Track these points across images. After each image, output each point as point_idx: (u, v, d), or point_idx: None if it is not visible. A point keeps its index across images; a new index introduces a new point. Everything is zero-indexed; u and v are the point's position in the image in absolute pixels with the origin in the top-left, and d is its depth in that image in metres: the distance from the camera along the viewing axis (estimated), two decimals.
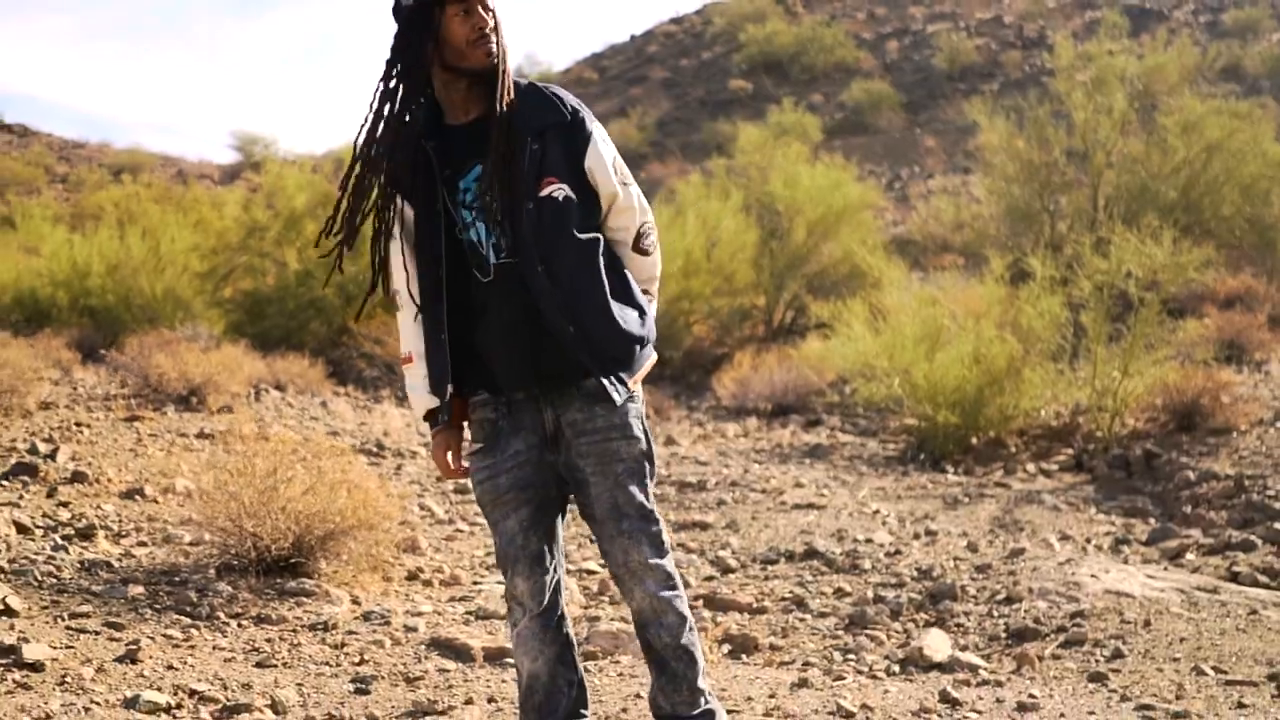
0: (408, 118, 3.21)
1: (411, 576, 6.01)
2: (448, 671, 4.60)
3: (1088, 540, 7.83)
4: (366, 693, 4.32)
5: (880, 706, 4.36)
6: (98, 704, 3.95)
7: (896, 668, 5.11)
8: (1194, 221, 17.18)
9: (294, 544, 5.46)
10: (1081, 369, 11.24)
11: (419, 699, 4.25)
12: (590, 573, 6.40)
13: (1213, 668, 5.03)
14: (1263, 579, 6.86)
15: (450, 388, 3.22)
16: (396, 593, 5.70)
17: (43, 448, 7.85)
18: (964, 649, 5.40)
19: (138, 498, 7.10)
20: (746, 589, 6.20)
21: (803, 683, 4.63)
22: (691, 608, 5.73)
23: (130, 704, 3.98)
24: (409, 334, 3.35)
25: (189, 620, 4.93)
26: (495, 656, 4.78)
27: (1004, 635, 5.61)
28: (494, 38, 3.19)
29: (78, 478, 7.28)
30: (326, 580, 5.52)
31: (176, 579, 5.41)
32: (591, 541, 6.97)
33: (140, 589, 5.21)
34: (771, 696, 4.43)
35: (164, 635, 4.70)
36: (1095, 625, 5.66)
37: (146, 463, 8.02)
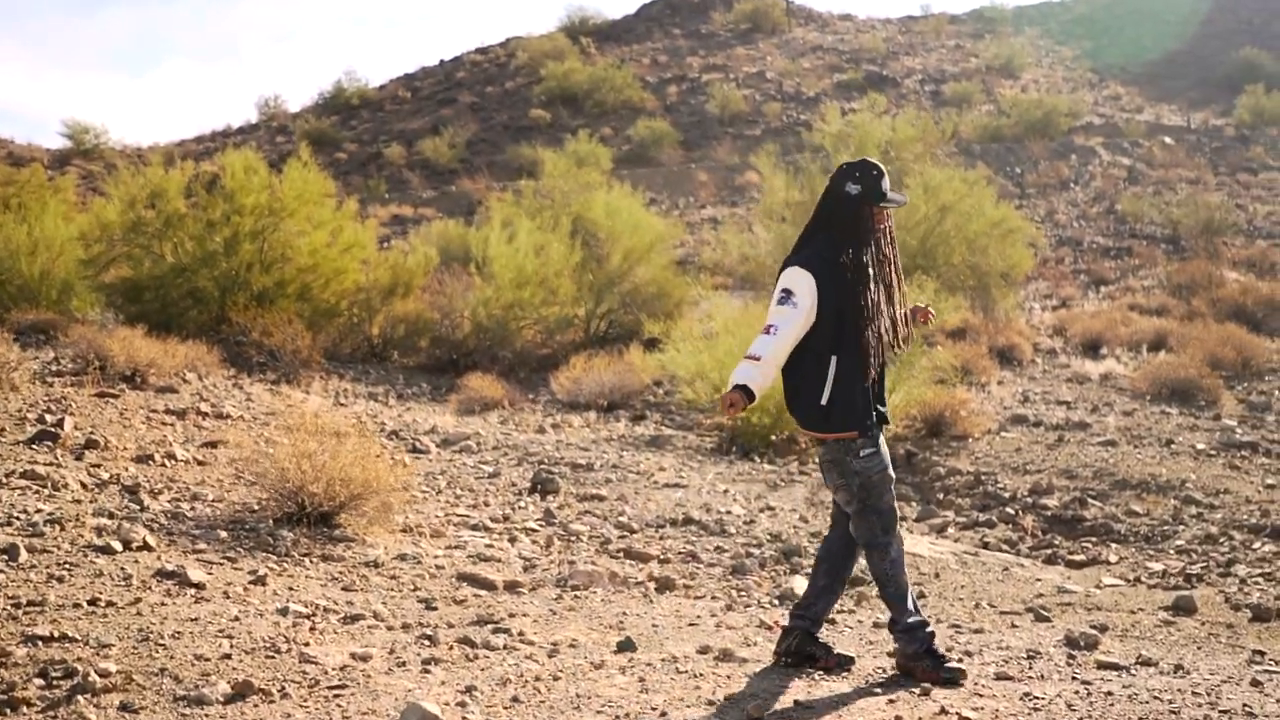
0: None
1: (406, 530, 7.10)
2: (482, 596, 5.79)
3: None
4: (434, 609, 5.48)
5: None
6: (262, 612, 5.00)
7: (777, 601, 6.53)
8: (929, 265, 19.34)
9: (335, 503, 6.50)
10: None
11: (476, 613, 5.44)
12: (532, 530, 7.60)
13: (988, 604, 6.67)
14: (1005, 548, 8.66)
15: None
16: (404, 541, 6.80)
17: (48, 418, 8.52)
18: None
19: (150, 462, 7.91)
20: (651, 545, 7.54)
21: (729, 608, 6.02)
22: (615, 558, 7.07)
23: (283, 612, 5.04)
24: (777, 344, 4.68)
25: (275, 557, 5.95)
26: (511, 586, 6.00)
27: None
28: None
29: (91, 444, 8.03)
30: (354, 531, 6.59)
31: (246, 526, 6.40)
32: (520, 507, 8.20)
33: (225, 533, 6.18)
34: (714, 616, 5.80)
35: (268, 567, 5.73)
36: None
37: (137, 433, 8.76)
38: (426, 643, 4.90)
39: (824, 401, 4.69)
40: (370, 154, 43.80)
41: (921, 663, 4.79)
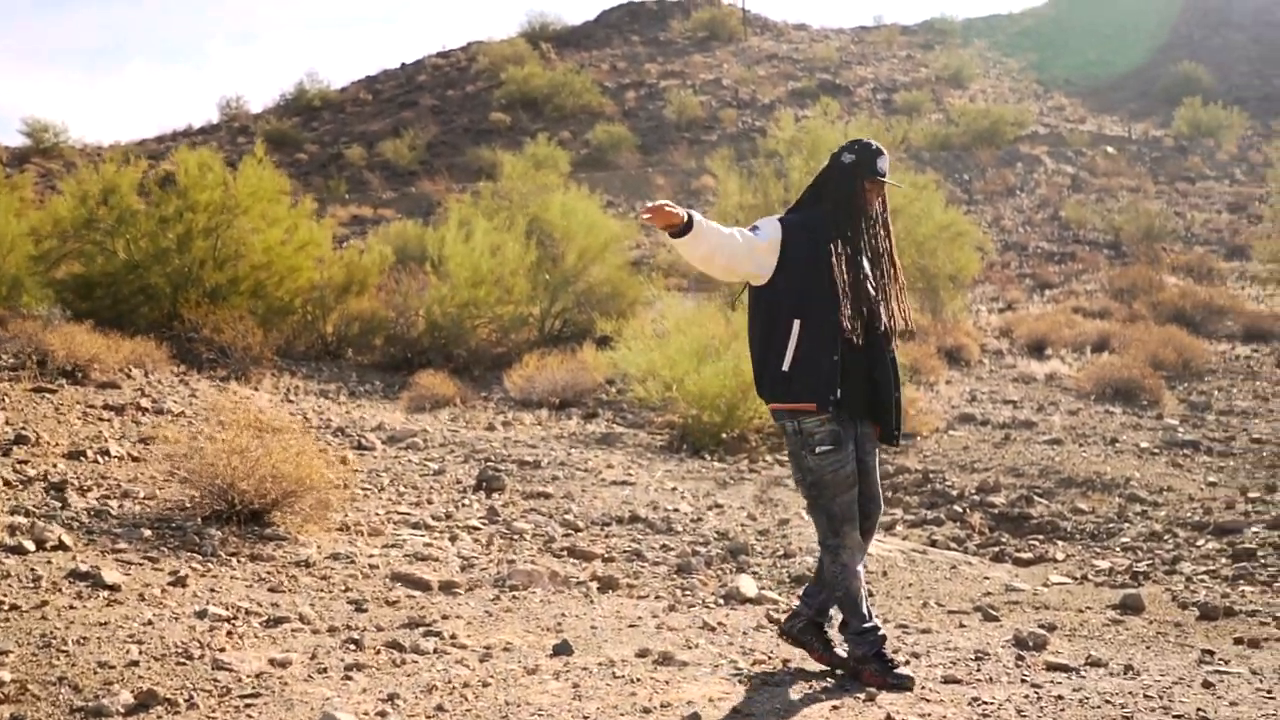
0: None
1: (343, 529, 6.74)
2: (415, 597, 5.44)
3: None
4: (364, 610, 5.13)
5: (730, 624, 5.48)
6: (178, 615, 4.64)
7: (722, 601, 6.23)
8: None
9: (266, 501, 6.14)
10: None
11: (408, 615, 5.10)
12: (474, 528, 7.26)
13: (936, 602, 6.40)
14: (953, 546, 8.41)
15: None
16: (339, 540, 6.44)
17: None
18: (766, 589, 6.59)
19: (82, 459, 7.50)
20: (596, 544, 7.21)
21: (671, 608, 5.71)
22: (559, 557, 6.75)
23: (201, 615, 4.68)
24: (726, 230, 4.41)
25: (200, 557, 5.58)
26: (447, 587, 5.65)
27: (788, 580, 6.83)
28: None
29: (21, 440, 7.61)
30: (287, 530, 6.22)
31: (173, 525, 6.02)
32: (464, 505, 7.86)
33: (149, 532, 5.80)
34: (655, 617, 5.49)
35: (191, 567, 5.36)
36: None
37: (71, 429, 8.34)
38: (352, 647, 4.56)
39: (785, 367, 4.40)
40: (331, 155, 43.17)
41: (869, 666, 4.52)
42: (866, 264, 4.53)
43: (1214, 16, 60.16)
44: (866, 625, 4.59)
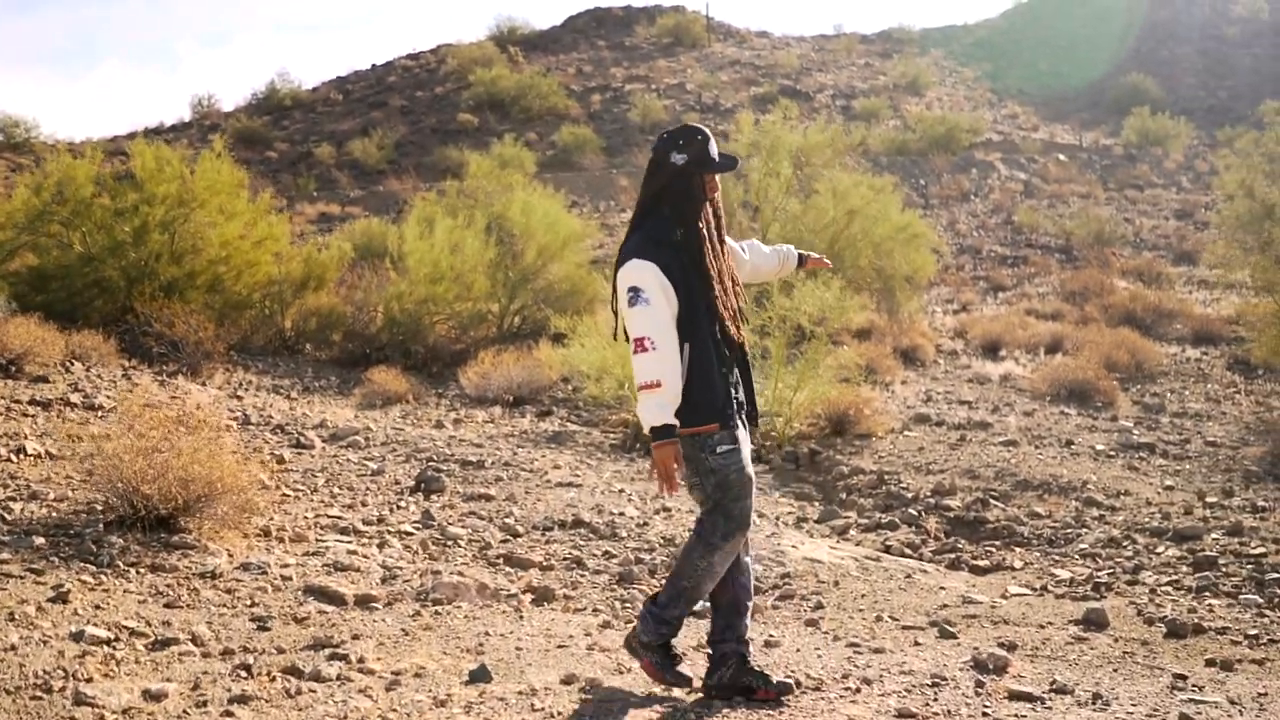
0: None
1: (264, 534, 6.11)
2: (327, 613, 4.83)
3: (777, 518, 8.65)
4: (267, 629, 4.52)
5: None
6: (50, 637, 4.02)
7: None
8: (837, 267, 18.63)
9: (177, 504, 5.51)
10: (759, 382, 12.19)
11: (314, 635, 4.50)
12: (406, 534, 6.65)
13: (890, 616, 5.85)
14: (909, 552, 7.87)
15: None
16: (257, 547, 5.82)
17: None
18: None
19: None
20: (535, 550, 6.63)
21: (606, 625, 5.13)
22: (494, 564, 6.15)
23: (77, 637, 4.06)
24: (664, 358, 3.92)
25: (94, 568, 4.95)
26: (363, 601, 5.05)
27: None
28: None
29: None
30: (199, 536, 5.60)
31: (71, 532, 5.38)
32: (400, 507, 7.24)
33: (43, 540, 5.17)
34: (588, 635, 4.91)
35: (79, 580, 4.73)
36: (800, 583, 6.42)
37: None
38: (243, 674, 3.96)
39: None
40: (301, 153, 42.22)
41: (650, 655, 4.17)
42: (722, 259, 4.14)
43: (1161, 30, 60.19)
44: (674, 615, 4.17)
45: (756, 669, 4.14)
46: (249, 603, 4.83)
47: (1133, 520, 8.67)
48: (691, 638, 4.99)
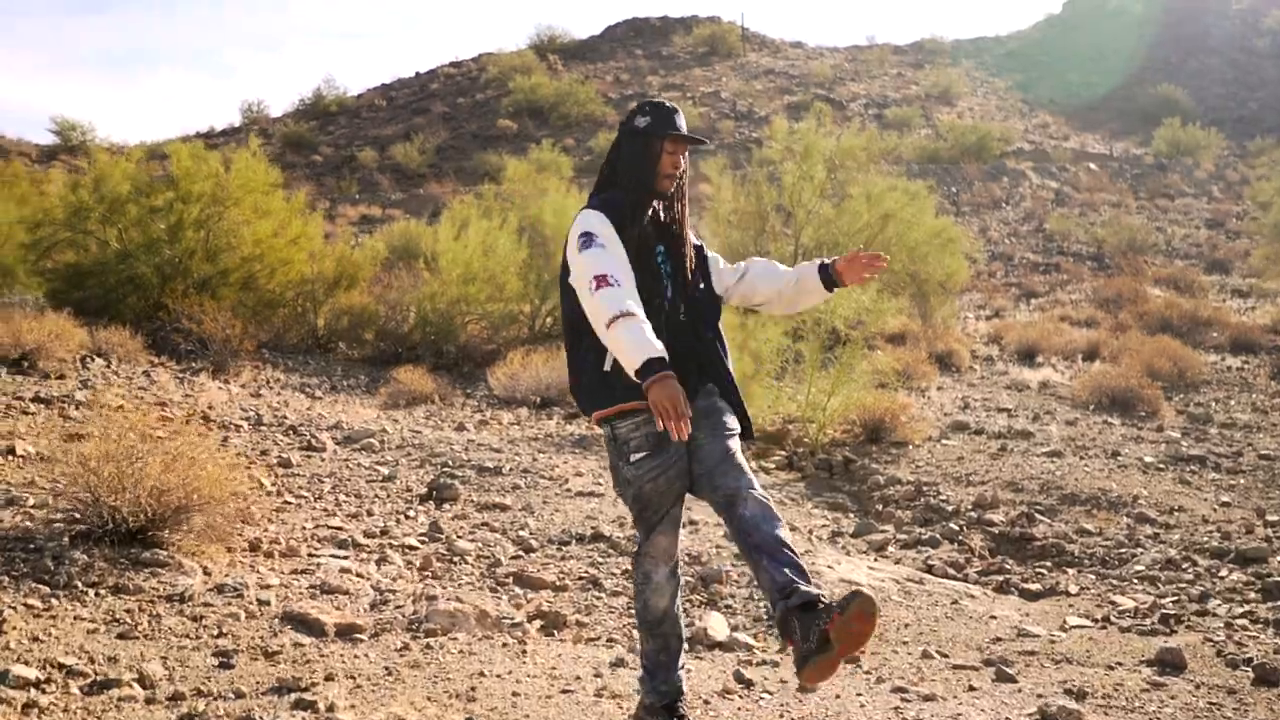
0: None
1: (253, 548, 5.40)
2: (303, 646, 4.10)
3: (810, 532, 7.87)
4: (230, 666, 3.81)
5: (691, 684, 4.15)
6: None
7: (686, 645, 4.91)
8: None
9: (149, 516, 4.81)
10: (788, 385, 11.42)
11: (281, 675, 3.77)
12: (410, 548, 5.93)
13: (939, 651, 5.06)
14: (952, 572, 7.06)
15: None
16: (241, 563, 5.11)
17: None
18: (737, 629, 5.27)
19: None
20: (548, 568, 5.88)
21: (619, 661, 4.37)
22: (502, 584, 5.41)
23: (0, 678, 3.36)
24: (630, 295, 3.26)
25: (48, 589, 4.25)
26: (346, 632, 4.32)
27: (766, 618, 5.50)
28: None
29: None
30: (177, 551, 4.89)
31: (31, 546, 4.68)
32: (408, 517, 6.52)
33: None
34: (597, 675, 4.16)
35: (25, 605, 4.03)
36: None
37: None
38: None
39: (607, 367, 3.36)
40: (344, 157, 41.77)
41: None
42: (674, 232, 3.55)
43: (1192, 43, 58.68)
44: (650, 655, 3.58)
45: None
46: (216, 632, 4.11)
47: (1190, 539, 7.81)
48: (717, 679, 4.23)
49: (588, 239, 3.30)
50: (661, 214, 3.54)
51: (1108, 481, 9.22)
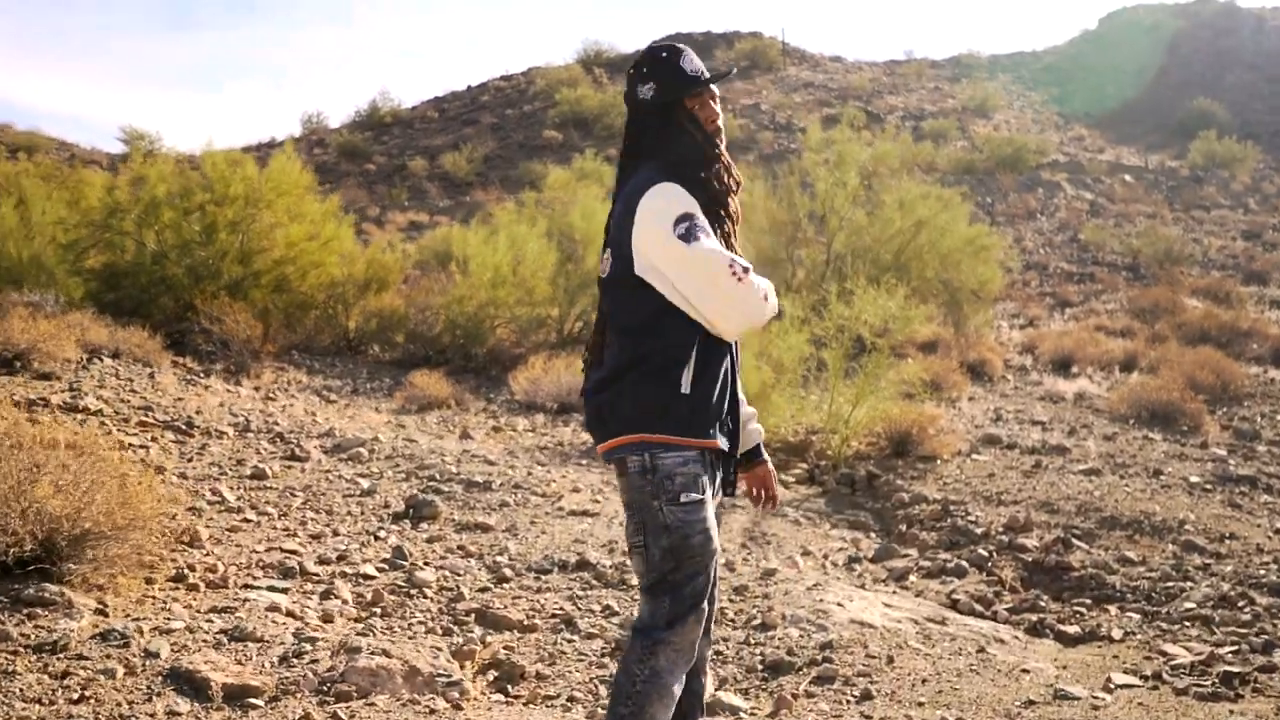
0: None
1: (177, 578, 4.54)
2: (178, 716, 3.22)
3: (825, 557, 6.90)
4: None
5: None
6: None
7: None
8: (903, 280, 16.75)
9: (40, 546, 3.97)
10: (811, 394, 10.46)
11: None
12: (365, 577, 5.04)
13: (956, 717, 4.08)
14: (979, 608, 6.06)
15: None
16: (153, 598, 4.25)
17: None
18: (724, 683, 4.33)
19: None
20: (519, 603, 4.97)
21: None
22: (460, 623, 4.51)
23: None
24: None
25: None
26: (236, 695, 3.43)
27: (760, 668, 4.55)
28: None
29: None
30: (74, 586, 4.04)
31: None
32: (377, 538, 5.65)
33: None
34: None
35: None
36: (844, 658, 4.67)
37: None
38: None
39: (686, 389, 2.48)
40: (396, 166, 41.28)
41: None
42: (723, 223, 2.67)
43: (1229, 56, 56.61)
44: None
45: None
46: (76, 695, 3.24)
47: (1244, 572, 6.74)
48: None
49: (690, 223, 2.46)
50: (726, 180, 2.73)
51: (1150, 503, 8.15)
